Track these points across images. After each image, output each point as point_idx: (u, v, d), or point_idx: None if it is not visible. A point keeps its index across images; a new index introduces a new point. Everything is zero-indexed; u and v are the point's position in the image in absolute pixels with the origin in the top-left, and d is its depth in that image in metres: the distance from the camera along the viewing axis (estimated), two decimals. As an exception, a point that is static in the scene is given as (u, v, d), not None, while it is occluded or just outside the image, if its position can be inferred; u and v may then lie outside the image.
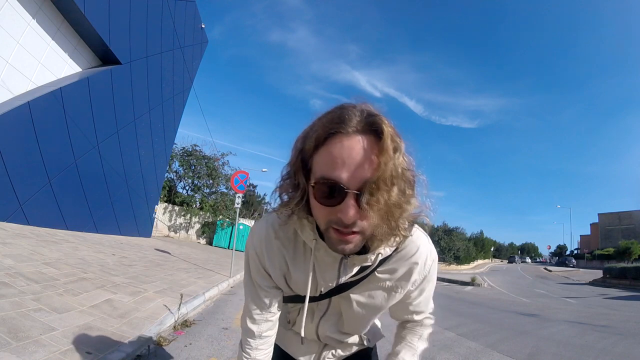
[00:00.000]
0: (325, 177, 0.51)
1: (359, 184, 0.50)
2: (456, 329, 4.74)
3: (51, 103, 6.22)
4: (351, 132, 0.50)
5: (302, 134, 0.58)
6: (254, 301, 0.78)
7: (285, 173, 0.62)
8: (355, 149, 0.50)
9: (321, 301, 0.76)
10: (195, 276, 5.79)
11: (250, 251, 0.75)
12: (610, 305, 9.37)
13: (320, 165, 0.53)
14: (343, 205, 0.51)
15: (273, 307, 0.78)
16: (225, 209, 18.39)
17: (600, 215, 47.35)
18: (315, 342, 0.88)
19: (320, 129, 0.53)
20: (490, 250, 55.90)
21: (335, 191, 0.51)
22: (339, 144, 0.51)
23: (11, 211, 5.69)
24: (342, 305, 0.76)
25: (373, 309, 0.75)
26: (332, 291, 0.72)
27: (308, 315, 0.80)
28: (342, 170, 0.50)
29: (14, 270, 3.13)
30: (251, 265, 0.76)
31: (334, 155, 0.51)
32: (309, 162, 0.56)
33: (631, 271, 17.36)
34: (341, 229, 0.53)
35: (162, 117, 11.57)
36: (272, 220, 0.71)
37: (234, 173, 7.92)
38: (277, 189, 0.63)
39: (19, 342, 1.88)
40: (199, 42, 13.67)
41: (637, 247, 31.13)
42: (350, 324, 0.79)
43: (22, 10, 5.76)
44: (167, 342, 2.67)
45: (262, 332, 0.78)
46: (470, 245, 40.04)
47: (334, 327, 0.81)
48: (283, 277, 0.75)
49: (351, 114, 0.52)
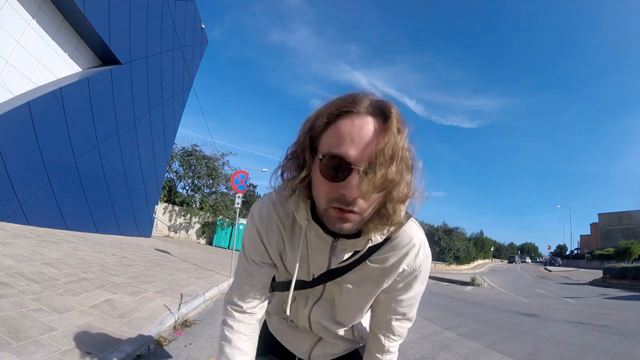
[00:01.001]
0: (333, 152, 0.53)
1: (364, 162, 0.52)
2: (456, 329, 4.74)
3: (51, 103, 6.22)
4: (362, 112, 0.53)
5: (312, 115, 0.60)
6: (244, 278, 0.78)
7: (290, 152, 0.63)
8: (365, 128, 0.52)
9: (316, 287, 0.77)
10: (195, 276, 5.79)
11: (249, 225, 0.76)
12: (610, 305, 9.37)
13: (330, 142, 0.55)
14: (347, 182, 0.52)
15: (262, 285, 0.79)
16: (225, 209, 18.40)
17: (600, 215, 47.38)
18: (309, 334, 0.89)
19: (333, 107, 0.55)
20: (490, 250, 55.92)
21: (341, 167, 0.53)
22: (350, 121, 0.53)
23: (11, 211, 5.69)
24: (335, 291, 0.77)
25: (364, 297, 0.75)
26: (325, 276, 0.73)
27: (301, 300, 0.81)
28: (351, 147, 0.52)
29: (14, 270, 3.13)
30: (248, 240, 0.77)
31: (344, 132, 0.53)
32: (317, 140, 0.58)
33: (631, 271, 17.36)
34: (342, 207, 0.54)
35: (162, 117, 11.56)
36: (273, 198, 0.72)
37: (234, 173, 7.92)
38: (280, 167, 0.64)
39: (19, 342, 1.88)
40: (199, 42, 13.66)
41: (637, 247, 31.15)
42: (343, 311, 0.80)
43: (22, 10, 5.76)
44: (167, 342, 2.67)
45: (247, 308, 0.78)
46: (470, 245, 40.08)
47: (326, 313, 0.82)
48: (279, 254, 0.76)
49: (363, 97, 0.55)
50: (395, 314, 0.78)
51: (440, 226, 39.02)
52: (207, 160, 19.31)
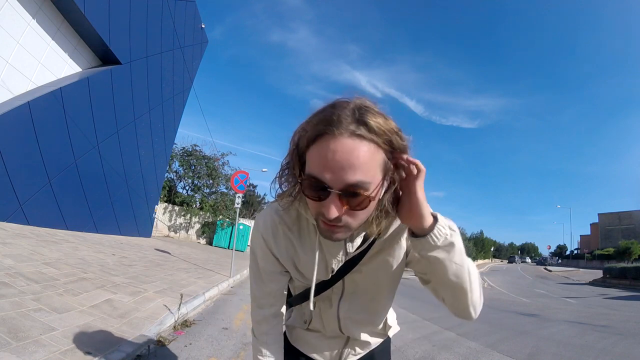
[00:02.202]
0: (312, 175, 0.54)
1: (341, 185, 0.52)
2: (456, 329, 4.74)
3: (51, 103, 6.22)
4: (337, 134, 0.52)
5: (298, 129, 0.60)
6: (260, 288, 0.80)
7: (285, 163, 0.64)
8: (339, 152, 0.51)
9: (335, 284, 0.77)
10: (195, 276, 5.79)
11: (257, 237, 0.77)
12: (610, 305, 9.37)
13: (310, 163, 0.55)
14: (326, 203, 0.54)
15: (278, 293, 0.81)
16: (225, 209, 18.40)
17: (600, 215, 47.40)
18: (334, 339, 0.88)
19: (310, 130, 0.55)
20: (490, 250, 55.99)
21: (321, 189, 0.54)
22: (326, 144, 0.52)
23: (11, 211, 5.69)
24: (358, 281, 0.77)
25: (388, 277, 0.76)
26: (343, 269, 0.74)
27: (325, 304, 0.81)
28: (327, 171, 0.52)
29: (14, 270, 3.13)
30: (258, 251, 0.77)
31: (321, 155, 0.53)
32: (303, 156, 0.59)
33: (631, 271, 17.36)
34: (327, 222, 0.56)
35: (162, 117, 11.57)
36: (275, 206, 0.73)
37: (234, 173, 7.93)
38: (277, 178, 0.65)
39: (19, 342, 1.88)
40: (199, 42, 13.67)
41: (637, 247, 31.17)
42: (371, 298, 0.80)
43: (22, 10, 5.76)
44: (167, 342, 2.67)
45: (268, 317, 0.81)
46: (470, 245, 40.14)
47: (355, 306, 0.81)
48: (291, 260, 0.76)
49: (341, 115, 0.52)
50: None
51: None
52: (207, 160, 19.32)
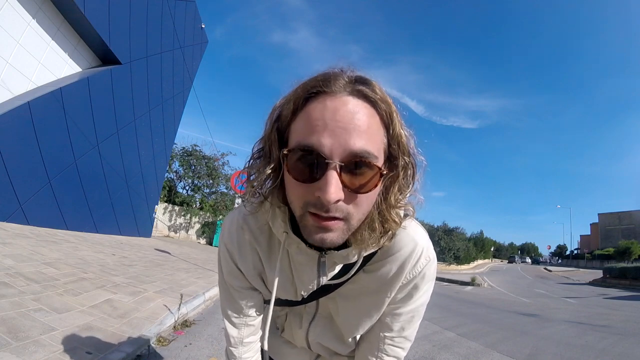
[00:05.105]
0: (302, 144, 0.41)
1: (343, 154, 0.40)
2: (456, 329, 4.74)
3: (51, 103, 6.21)
4: (337, 91, 0.42)
5: (279, 102, 0.48)
6: (230, 305, 0.69)
7: (257, 149, 0.51)
8: (341, 110, 0.40)
9: (309, 303, 0.66)
10: (195, 276, 5.79)
11: (221, 247, 0.65)
12: (610, 305, 9.36)
13: (298, 132, 0.43)
14: (323, 181, 0.40)
15: (251, 311, 0.69)
16: (225, 209, 18.39)
17: (600, 215, 47.43)
18: (307, 350, 0.77)
19: (300, 90, 0.44)
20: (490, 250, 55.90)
21: (314, 162, 0.41)
22: (321, 104, 0.41)
23: (11, 211, 5.69)
24: (331, 307, 0.65)
25: (365, 312, 0.62)
26: (316, 294, 0.61)
27: (295, 321, 0.71)
28: (324, 136, 0.40)
29: (14, 270, 3.13)
30: (222, 264, 0.66)
31: (315, 117, 0.41)
32: (285, 132, 0.46)
33: (631, 271, 17.37)
34: (320, 213, 0.42)
35: (162, 117, 11.56)
36: (242, 210, 0.59)
37: (234, 173, 7.94)
38: (246, 168, 0.51)
39: (19, 342, 1.88)
40: (199, 42, 13.67)
41: (637, 247, 31.16)
42: (344, 329, 0.67)
43: (22, 10, 5.75)
44: (167, 342, 2.67)
45: (243, 338, 0.70)
46: (470, 245, 40.04)
47: (326, 333, 0.69)
48: (259, 277, 0.64)
49: (338, 73, 0.44)
50: (389, 330, 0.63)
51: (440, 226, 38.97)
52: (207, 160, 19.32)
